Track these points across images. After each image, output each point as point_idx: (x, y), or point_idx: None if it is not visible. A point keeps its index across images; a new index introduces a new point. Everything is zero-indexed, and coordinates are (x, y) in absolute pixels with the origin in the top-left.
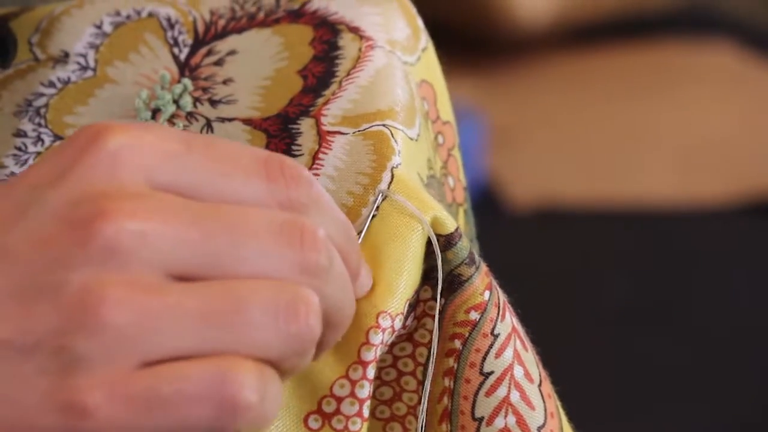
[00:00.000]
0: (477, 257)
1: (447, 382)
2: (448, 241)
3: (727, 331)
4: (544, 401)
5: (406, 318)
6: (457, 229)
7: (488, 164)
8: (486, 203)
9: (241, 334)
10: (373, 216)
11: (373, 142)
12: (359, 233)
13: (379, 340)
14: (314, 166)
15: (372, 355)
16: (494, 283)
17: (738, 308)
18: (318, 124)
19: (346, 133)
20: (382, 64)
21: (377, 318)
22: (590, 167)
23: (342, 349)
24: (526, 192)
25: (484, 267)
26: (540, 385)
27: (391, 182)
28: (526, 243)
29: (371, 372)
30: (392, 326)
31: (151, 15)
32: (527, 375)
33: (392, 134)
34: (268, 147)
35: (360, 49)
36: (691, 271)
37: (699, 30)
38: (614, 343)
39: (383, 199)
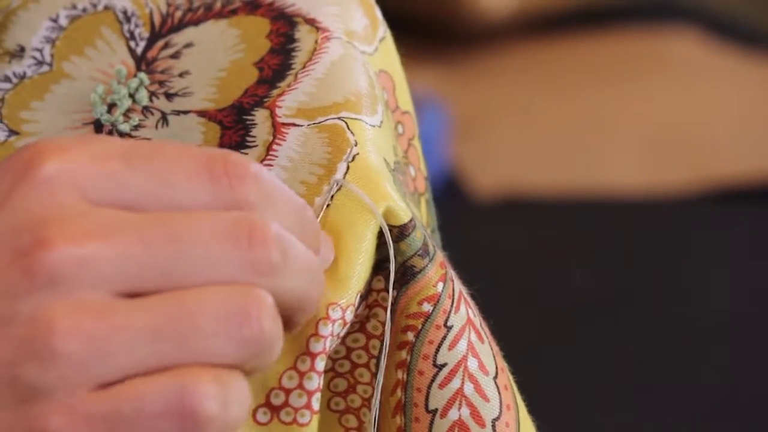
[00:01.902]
0: (431, 248)
1: (400, 374)
2: (401, 232)
3: (692, 321)
4: (499, 393)
5: (357, 308)
6: (411, 220)
7: (452, 153)
8: (450, 192)
9: (193, 344)
10: (327, 206)
11: (328, 135)
12: None
13: (329, 331)
14: (268, 157)
15: (321, 346)
16: (450, 274)
17: (702, 297)
18: (273, 115)
19: (301, 125)
20: (338, 55)
21: (327, 309)
22: (554, 156)
23: (291, 340)
24: (490, 181)
25: (439, 258)
26: (496, 377)
27: (346, 173)
28: (489, 232)
29: (320, 364)
30: (343, 318)
31: (107, 8)
32: (482, 367)
33: (348, 126)
34: (222, 139)
35: (316, 41)
36: (656, 260)
37: (662, 18)
38: (577, 332)
39: (338, 189)
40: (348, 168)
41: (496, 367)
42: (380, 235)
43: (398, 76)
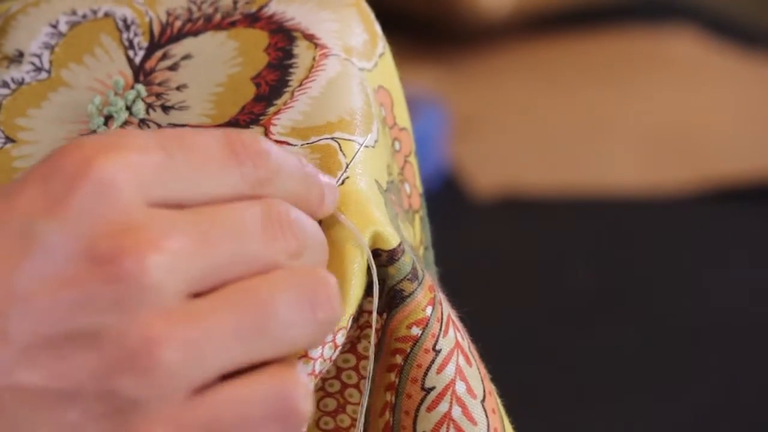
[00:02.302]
0: (420, 272)
1: (389, 396)
2: (390, 257)
3: (691, 319)
4: (487, 417)
5: (348, 330)
6: (400, 245)
7: (451, 153)
8: (449, 192)
9: (277, 336)
10: None
11: (319, 156)
12: None
13: (318, 353)
14: None
15: (310, 368)
16: (439, 297)
17: (702, 296)
18: (267, 133)
19: (294, 145)
20: (336, 72)
21: None
22: (553, 156)
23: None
24: (489, 181)
25: (427, 282)
26: (483, 400)
27: None
28: (489, 232)
29: (309, 385)
30: (334, 341)
31: (107, 15)
32: (469, 390)
33: (340, 147)
34: None
35: (314, 58)
36: (655, 259)
37: (661, 17)
38: (576, 331)
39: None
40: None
41: (484, 391)
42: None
43: (396, 93)
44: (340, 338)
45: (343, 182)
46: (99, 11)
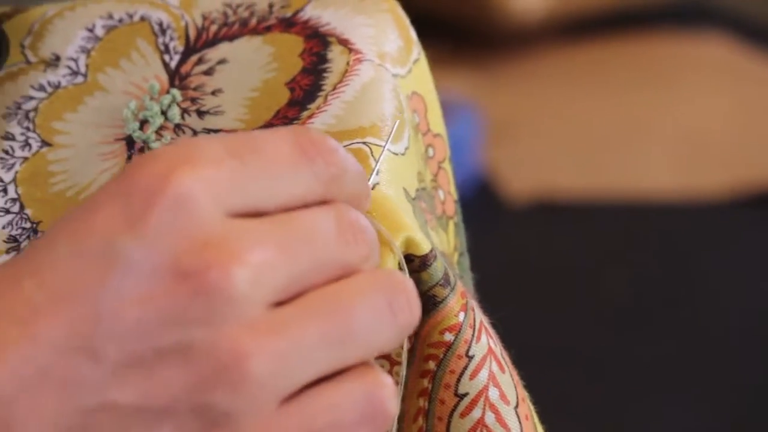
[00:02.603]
0: (452, 278)
1: (422, 402)
2: (423, 262)
3: (727, 324)
4: (520, 423)
5: None
6: (432, 250)
7: (486, 158)
8: (483, 196)
9: (361, 341)
10: None
11: None
12: None
13: None
14: None
15: None
16: (471, 303)
17: (737, 300)
18: None
19: None
20: (369, 77)
21: None
22: (588, 160)
23: None
24: (524, 185)
25: (459, 288)
26: (517, 407)
27: None
28: (523, 236)
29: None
30: None
31: (143, 19)
32: (503, 397)
33: (372, 152)
34: None
35: (348, 63)
36: (690, 263)
37: (696, 22)
38: (612, 334)
39: None
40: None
41: (517, 397)
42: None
43: (430, 98)
44: None
45: (373, 187)
46: (135, 15)
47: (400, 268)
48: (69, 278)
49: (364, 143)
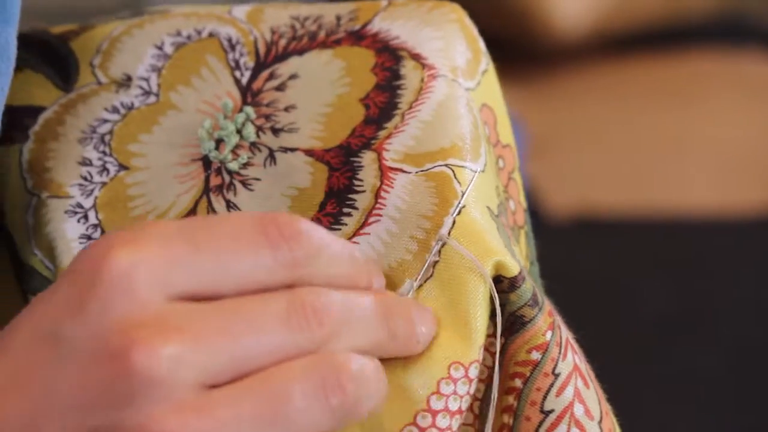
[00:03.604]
0: (540, 298)
1: (506, 418)
2: (512, 284)
3: None
4: None
5: (482, 363)
6: (521, 272)
7: (527, 172)
8: None
9: (291, 424)
10: (437, 261)
11: (435, 184)
12: (425, 279)
13: (451, 390)
14: (377, 205)
15: (442, 404)
16: (558, 321)
17: None
18: (380, 158)
19: (409, 172)
20: (444, 95)
21: (449, 368)
22: (629, 176)
23: (409, 398)
24: (565, 200)
25: (547, 307)
26: (600, 421)
27: (452, 228)
28: (564, 252)
29: (442, 422)
30: (466, 375)
31: (211, 35)
32: (587, 412)
33: (455, 174)
34: (330, 180)
35: (422, 80)
36: (732, 280)
37: (736, 39)
38: (655, 352)
39: (442, 246)
40: (454, 222)
41: (601, 412)
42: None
43: (500, 109)
44: (473, 371)
45: (459, 212)
46: (203, 31)
47: (491, 296)
48: (24, 362)
49: (446, 165)
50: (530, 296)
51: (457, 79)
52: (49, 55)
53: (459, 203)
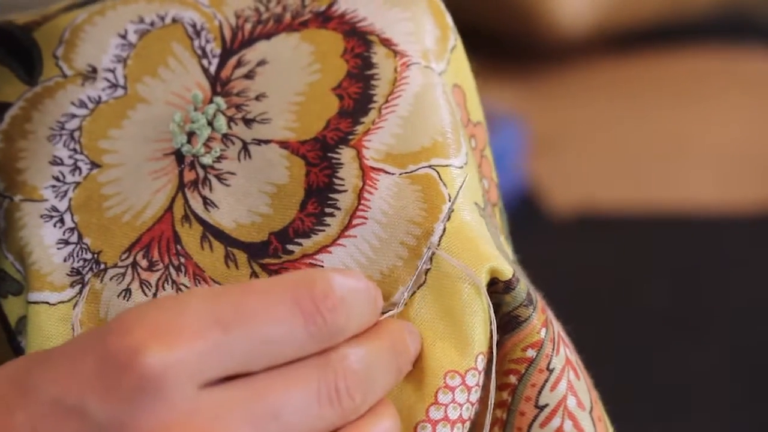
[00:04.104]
0: (534, 297)
1: (500, 413)
2: (507, 286)
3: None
4: (594, 426)
5: (481, 371)
6: (514, 275)
7: (529, 170)
8: (527, 210)
9: None
10: (429, 269)
11: (421, 188)
12: (417, 286)
13: (449, 399)
14: (360, 206)
15: (441, 414)
16: (550, 316)
17: None
18: (360, 156)
19: (392, 173)
20: (420, 85)
21: (445, 378)
22: (631, 174)
23: (409, 408)
24: (567, 199)
25: (540, 304)
26: (591, 410)
27: (443, 235)
28: (566, 250)
29: (443, 431)
30: (464, 383)
31: (175, 21)
32: (579, 404)
33: (440, 176)
34: (308, 176)
35: (395, 69)
36: (733, 278)
37: (740, 37)
38: (654, 350)
39: (433, 254)
40: (445, 229)
41: (591, 401)
42: (488, 284)
43: (468, 86)
44: (471, 379)
45: (449, 218)
46: (166, 17)
47: (487, 305)
48: (48, 422)
49: (429, 167)
50: (525, 296)
51: (430, 64)
52: (13, 47)
53: (449, 208)
